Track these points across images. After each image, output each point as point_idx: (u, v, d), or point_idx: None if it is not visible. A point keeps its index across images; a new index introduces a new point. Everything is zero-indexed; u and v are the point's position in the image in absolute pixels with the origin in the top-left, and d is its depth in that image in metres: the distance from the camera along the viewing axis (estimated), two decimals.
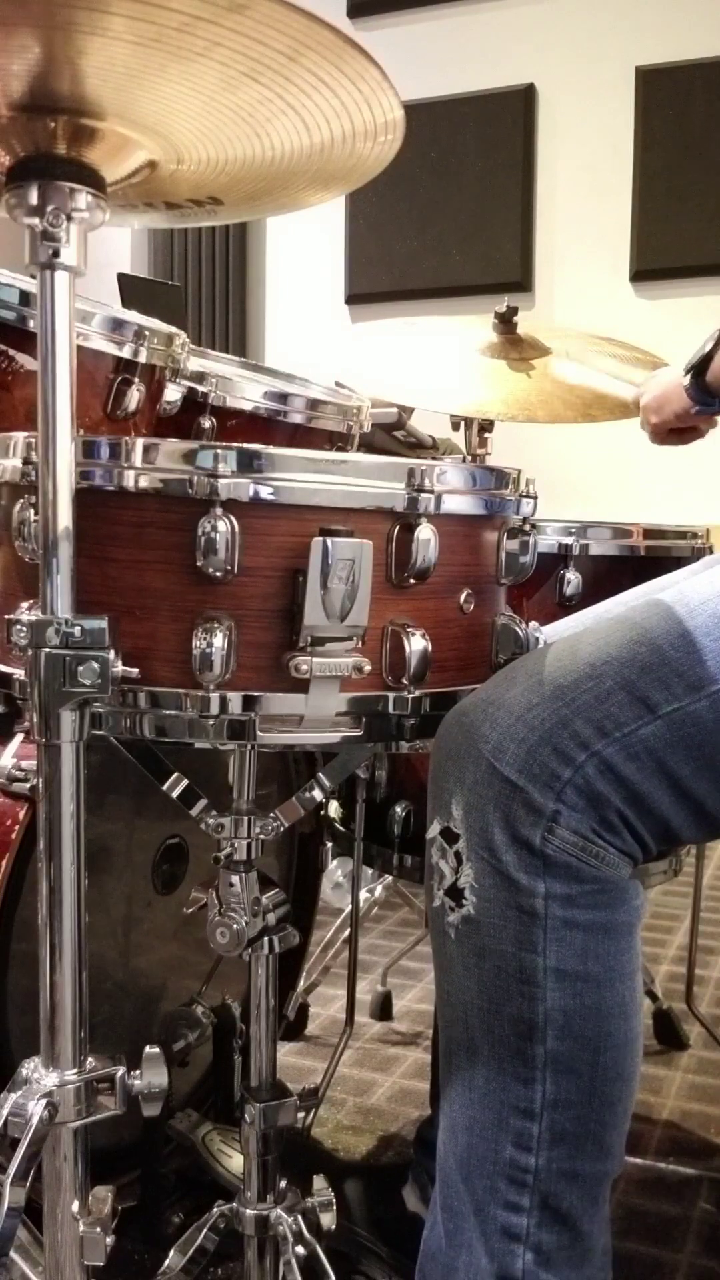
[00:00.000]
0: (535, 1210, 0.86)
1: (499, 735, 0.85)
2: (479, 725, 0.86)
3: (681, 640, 0.87)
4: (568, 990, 0.85)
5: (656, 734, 0.85)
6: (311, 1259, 1.00)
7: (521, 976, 0.85)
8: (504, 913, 0.85)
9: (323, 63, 0.71)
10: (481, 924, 0.86)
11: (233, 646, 0.83)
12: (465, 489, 0.91)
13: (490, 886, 0.85)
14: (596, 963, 0.85)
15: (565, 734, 0.84)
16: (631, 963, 0.88)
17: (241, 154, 0.83)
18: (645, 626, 0.89)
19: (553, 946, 0.84)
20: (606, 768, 0.84)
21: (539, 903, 0.84)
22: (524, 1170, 0.86)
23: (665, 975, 2.17)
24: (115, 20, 0.67)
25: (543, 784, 0.83)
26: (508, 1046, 0.86)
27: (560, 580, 1.44)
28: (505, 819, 0.84)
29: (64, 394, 0.80)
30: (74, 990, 0.83)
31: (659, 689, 0.85)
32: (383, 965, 2.08)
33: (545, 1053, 0.85)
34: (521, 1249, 0.86)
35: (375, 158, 0.83)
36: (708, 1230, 1.40)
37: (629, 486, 3.89)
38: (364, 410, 1.40)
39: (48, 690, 0.79)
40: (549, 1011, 0.85)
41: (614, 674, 0.86)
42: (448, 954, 0.89)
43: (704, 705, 0.85)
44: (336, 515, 0.84)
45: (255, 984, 1.03)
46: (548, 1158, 0.86)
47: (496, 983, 0.86)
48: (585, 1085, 0.86)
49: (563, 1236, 0.87)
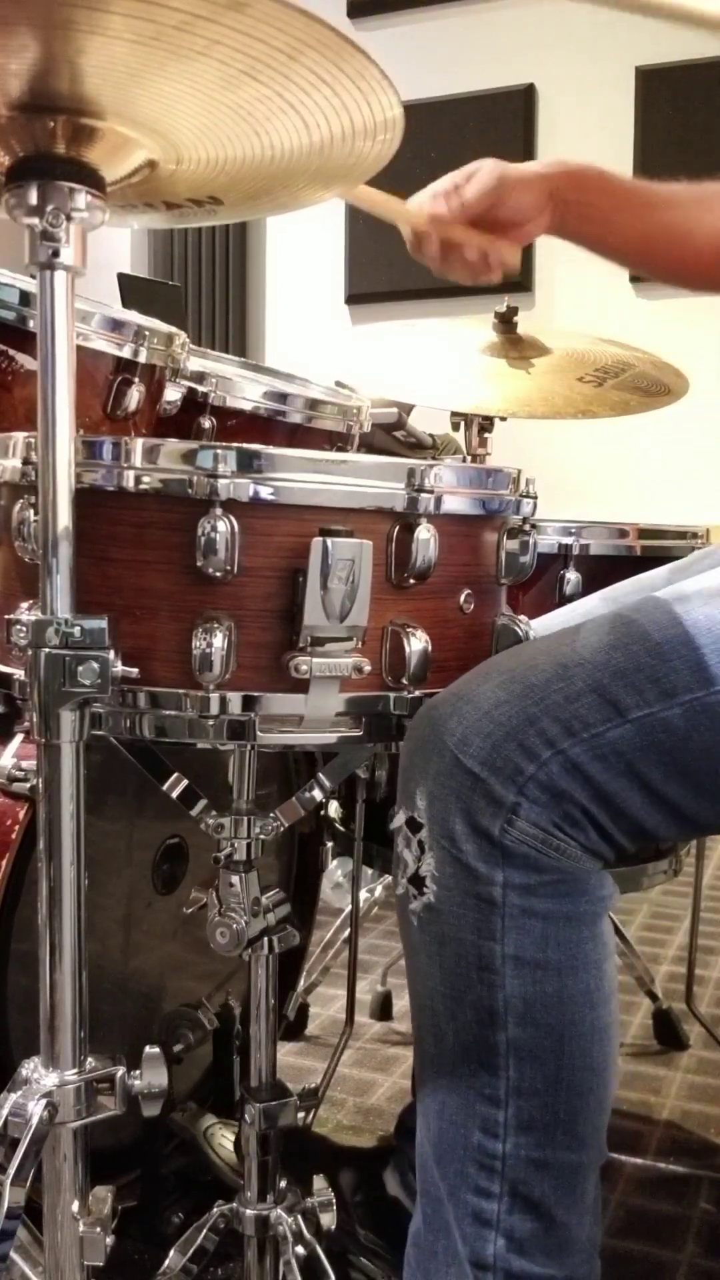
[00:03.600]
0: (505, 1197, 0.86)
1: (465, 729, 0.85)
2: (446, 719, 0.86)
3: (658, 647, 0.87)
4: (526, 978, 0.85)
5: (625, 737, 0.85)
6: (311, 1259, 1.00)
7: (481, 964, 0.85)
8: (463, 900, 0.85)
9: (322, 61, 0.71)
10: (442, 912, 0.86)
11: (232, 647, 0.83)
12: (465, 489, 0.91)
13: (450, 875, 0.86)
14: (557, 950, 0.86)
15: (532, 731, 0.84)
16: (597, 952, 0.88)
17: (241, 153, 0.83)
18: (624, 631, 0.89)
19: (511, 934, 0.85)
20: (572, 766, 0.84)
21: (497, 891, 0.84)
22: (492, 1156, 0.86)
23: (665, 975, 2.17)
24: (114, 19, 0.67)
25: (505, 777, 0.84)
26: (471, 1033, 0.87)
27: (560, 580, 1.44)
28: (466, 809, 0.84)
29: (64, 394, 0.80)
30: (74, 990, 0.83)
31: (630, 693, 0.85)
32: (383, 965, 2.08)
33: (507, 1040, 0.86)
34: (493, 1234, 0.87)
35: (375, 156, 0.83)
36: (708, 1230, 1.40)
37: (629, 486, 3.90)
38: (364, 410, 1.40)
39: (47, 690, 0.79)
40: (509, 998, 0.85)
41: (585, 676, 0.86)
42: (412, 942, 0.90)
43: (676, 713, 0.85)
44: (336, 515, 0.84)
45: (255, 984, 1.03)
46: (514, 1144, 0.86)
47: (458, 970, 0.86)
48: (551, 1073, 0.86)
49: (536, 1225, 0.87)
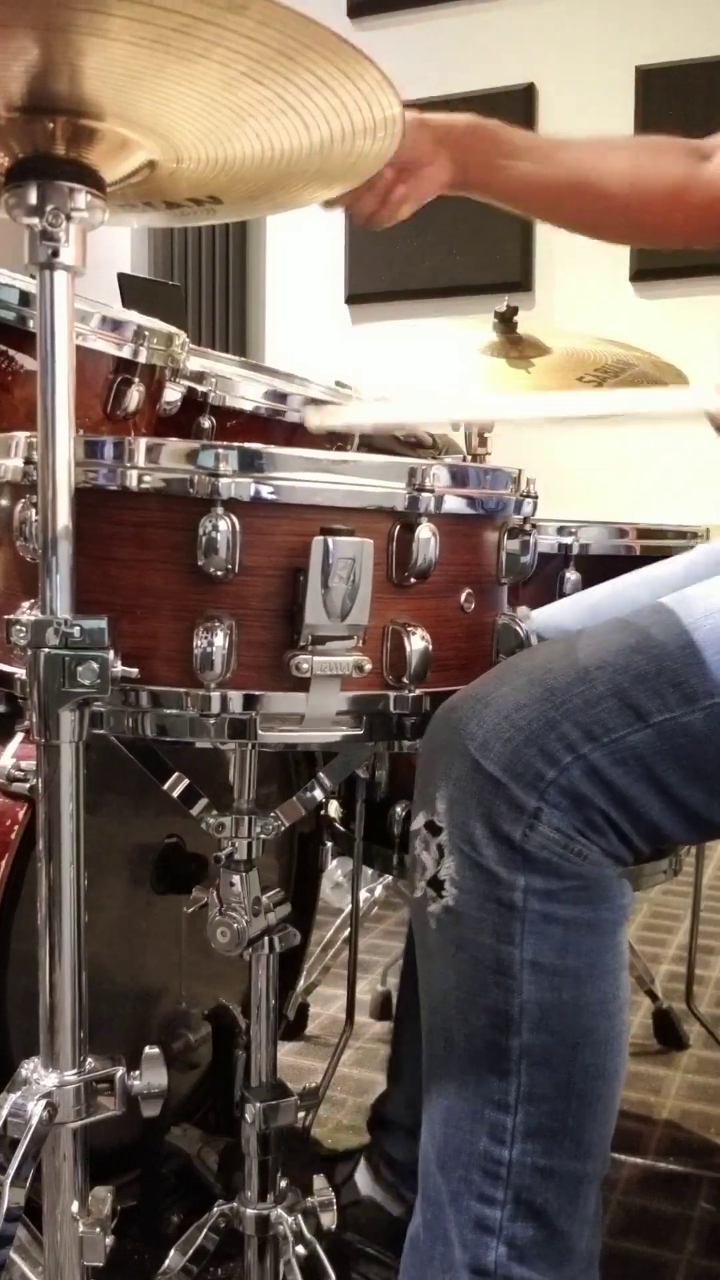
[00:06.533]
0: (509, 1204, 0.86)
1: (485, 732, 0.85)
2: (466, 722, 0.86)
3: (681, 651, 0.86)
4: (544, 984, 0.85)
5: (646, 742, 0.84)
6: (311, 1259, 1.00)
7: (498, 968, 0.85)
8: (483, 905, 0.85)
9: (322, 62, 0.72)
10: (461, 915, 0.86)
11: (233, 646, 0.83)
12: (466, 489, 0.91)
13: (470, 879, 0.85)
14: (577, 958, 0.85)
15: (552, 736, 0.84)
16: (615, 960, 0.87)
17: (241, 153, 0.83)
18: (644, 634, 0.89)
19: (530, 940, 0.84)
20: (592, 771, 0.84)
21: (518, 896, 0.84)
22: (498, 1163, 0.86)
23: (665, 975, 2.17)
24: (114, 21, 0.67)
25: (526, 782, 0.83)
26: (484, 1038, 0.86)
27: (559, 580, 1.44)
28: (487, 814, 0.84)
29: (63, 394, 0.80)
30: (73, 990, 0.84)
31: (652, 698, 0.85)
32: (383, 965, 2.08)
33: (520, 1045, 0.85)
34: (495, 1241, 0.86)
35: (375, 155, 0.84)
36: (708, 1230, 1.40)
37: (629, 486, 3.89)
38: None
39: (47, 690, 0.79)
40: (524, 1004, 0.85)
41: (606, 679, 0.86)
42: (428, 944, 0.89)
43: (698, 717, 0.85)
44: (337, 515, 0.84)
45: (255, 984, 1.03)
46: (521, 1150, 0.86)
47: (474, 974, 0.86)
48: (562, 1081, 0.86)
49: (538, 1233, 0.86)
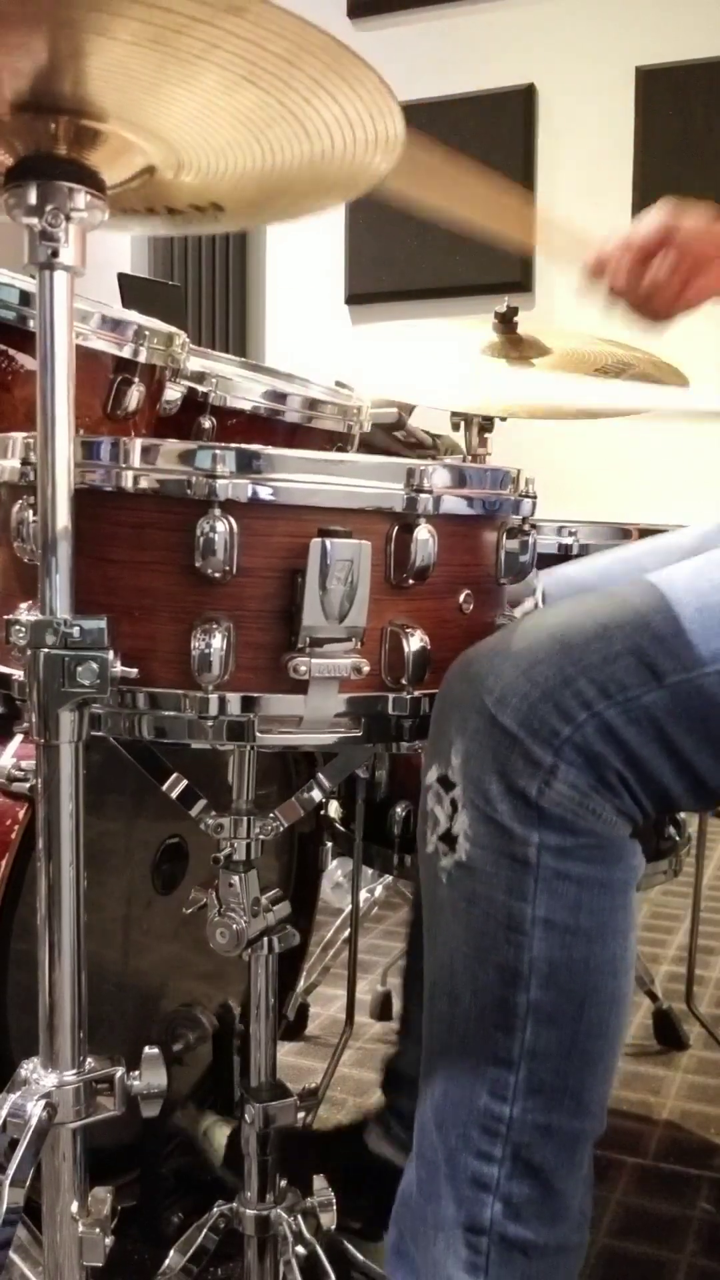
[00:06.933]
0: (507, 1161, 0.86)
1: (502, 687, 0.85)
2: (484, 676, 0.86)
3: (699, 614, 0.87)
4: (555, 941, 0.85)
5: (660, 702, 0.85)
6: (311, 1259, 1.01)
7: (510, 924, 0.85)
8: (496, 860, 0.85)
9: (321, 68, 0.71)
10: (474, 870, 0.86)
11: (231, 647, 0.83)
12: (464, 489, 0.91)
13: (484, 834, 0.85)
14: (589, 917, 0.85)
15: (568, 692, 0.84)
16: (626, 920, 0.88)
17: (242, 160, 0.83)
18: (665, 593, 0.89)
19: (543, 896, 0.84)
20: (607, 729, 0.84)
21: (532, 852, 0.84)
22: (498, 1119, 0.86)
23: (665, 975, 2.17)
24: (115, 20, 0.67)
25: (542, 739, 0.83)
26: (491, 995, 0.86)
27: None
28: (502, 770, 0.84)
29: (63, 394, 0.80)
30: (73, 990, 0.84)
31: (668, 658, 0.85)
32: (383, 965, 2.08)
33: (528, 1002, 0.85)
34: (491, 1199, 0.86)
35: (375, 164, 0.83)
36: (708, 1230, 1.40)
37: (629, 486, 3.89)
38: (364, 410, 1.40)
39: (46, 691, 0.79)
40: (534, 960, 0.85)
41: (625, 638, 0.86)
42: (438, 899, 0.89)
43: (713, 679, 0.85)
44: (335, 516, 0.84)
45: (255, 984, 1.03)
46: (522, 1108, 0.86)
47: (484, 929, 0.86)
48: (567, 1038, 0.86)
49: (534, 1190, 0.87)
